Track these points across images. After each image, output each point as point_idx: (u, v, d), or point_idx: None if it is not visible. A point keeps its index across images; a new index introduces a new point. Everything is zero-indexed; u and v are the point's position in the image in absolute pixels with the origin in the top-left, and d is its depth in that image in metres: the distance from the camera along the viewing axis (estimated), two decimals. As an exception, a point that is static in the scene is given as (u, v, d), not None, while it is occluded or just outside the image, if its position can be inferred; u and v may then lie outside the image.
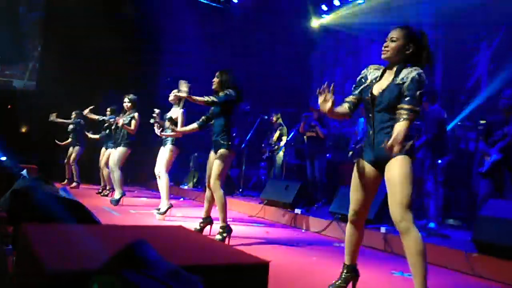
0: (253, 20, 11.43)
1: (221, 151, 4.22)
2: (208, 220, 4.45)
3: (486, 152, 4.79)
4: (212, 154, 4.36)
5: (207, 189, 4.38)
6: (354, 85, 2.78)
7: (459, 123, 7.45)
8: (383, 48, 2.62)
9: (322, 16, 11.01)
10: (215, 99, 4.20)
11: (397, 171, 2.46)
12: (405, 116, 2.41)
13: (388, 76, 2.62)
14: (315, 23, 11.36)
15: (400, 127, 2.37)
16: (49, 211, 2.09)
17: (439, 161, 5.28)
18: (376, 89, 2.61)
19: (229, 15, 11.43)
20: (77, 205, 2.26)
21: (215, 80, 4.37)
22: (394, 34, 2.60)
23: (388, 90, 2.56)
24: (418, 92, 2.46)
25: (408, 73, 2.51)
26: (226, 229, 4.17)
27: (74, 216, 2.09)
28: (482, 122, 6.23)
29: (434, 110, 5.34)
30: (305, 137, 7.32)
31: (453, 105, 8.20)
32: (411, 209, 2.43)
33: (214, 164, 4.22)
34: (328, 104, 2.50)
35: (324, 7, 10.65)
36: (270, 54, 11.50)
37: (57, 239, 1.73)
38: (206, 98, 4.19)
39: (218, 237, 4.11)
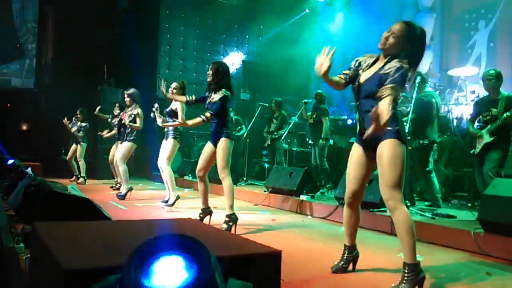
0: (248, 9, 11.35)
1: (222, 140, 4.22)
2: (207, 211, 4.47)
3: (476, 134, 4.77)
4: (209, 145, 4.35)
5: (200, 182, 4.38)
6: (350, 65, 2.84)
7: (458, 104, 7.44)
8: (383, 39, 2.66)
9: (318, 0, 10.93)
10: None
11: (385, 152, 2.55)
12: (387, 93, 2.41)
13: (377, 65, 2.70)
14: (311, 8, 11.28)
15: (383, 102, 2.37)
16: (60, 209, 2.11)
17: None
18: (363, 78, 2.70)
19: (225, 5, 11.34)
20: (87, 202, 2.28)
21: (210, 72, 4.32)
22: (397, 30, 2.61)
23: (372, 78, 2.64)
24: (399, 75, 2.46)
25: (393, 65, 2.55)
26: (233, 217, 4.20)
27: (85, 213, 2.11)
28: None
29: (424, 95, 5.32)
30: (307, 123, 7.33)
31: (453, 85, 8.18)
32: (400, 189, 2.53)
33: (219, 154, 4.21)
34: (324, 68, 2.53)
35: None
36: (267, 42, 11.45)
37: (71, 237, 1.75)
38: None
39: (224, 226, 4.12)
